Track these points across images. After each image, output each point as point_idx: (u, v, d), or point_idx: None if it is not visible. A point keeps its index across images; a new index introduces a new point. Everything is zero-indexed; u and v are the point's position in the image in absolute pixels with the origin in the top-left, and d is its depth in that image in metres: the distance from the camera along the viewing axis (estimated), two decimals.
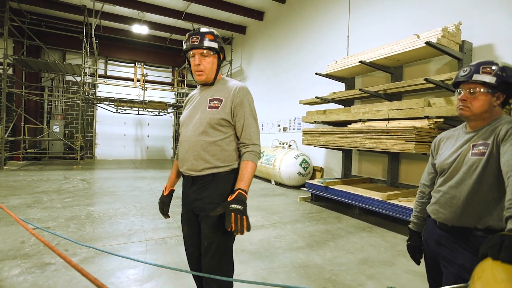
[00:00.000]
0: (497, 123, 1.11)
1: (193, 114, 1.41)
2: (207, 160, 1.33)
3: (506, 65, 1.12)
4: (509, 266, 0.57)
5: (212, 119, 1.33)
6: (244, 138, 1.35)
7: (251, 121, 1.36)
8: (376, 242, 3.13)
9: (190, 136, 1.36)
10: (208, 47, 1.32)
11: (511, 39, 3.38)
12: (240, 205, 1.18)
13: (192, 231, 1.43)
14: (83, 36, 9.12)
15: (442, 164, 1.23)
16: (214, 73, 1.39)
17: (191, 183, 1.39)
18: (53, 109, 11.07)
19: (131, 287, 2.08)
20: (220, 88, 1.41)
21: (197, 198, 1.36)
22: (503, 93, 1.13)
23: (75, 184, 5.98)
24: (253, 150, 1.34)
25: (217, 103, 1.35)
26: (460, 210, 1.12)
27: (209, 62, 1.35)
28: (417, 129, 3.24)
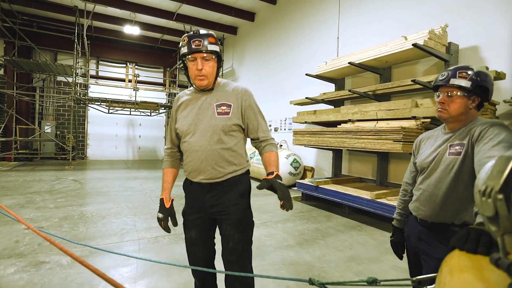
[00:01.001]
0: (472, 125, 1.19)
1: (199, 121, 1.35)
2: (225, 167, 1.33)
3: (480, 70, 1.20)
4: (473, 255, 0.64)
5: (225, 126, 1.32)
6: (259, 134, 1.41)
7: (261, 121, 1.43)
8: (365, 240, 3.22)
9: (203, 146, 1.32)
10: (211, 51, 1.28)
11: (496, 41, 3.51)
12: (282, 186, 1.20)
13: (204, 235, 1.43)
14: (75, 36, 9.04)
15: (422, 163, 1.31)
16: (214, 77, 1.36)
17: (207, 190, 1.36)
18: (45, 109, 10.92)
19: (125, 284, 2.11)
20: (222, 92, 1.38)
21: (217, 203, 1.35)
22: (478, 96, 1.20)
23: (67, 185, 5.94)
24: (273, 143, 1.42)
25: (225, 108, 1.33)
26: (438, 207, 1.20)
27: (211, 66, 1.32)
28: (404, 129, 3.35)
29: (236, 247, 1.34)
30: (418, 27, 4.21)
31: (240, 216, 1.35)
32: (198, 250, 1.44)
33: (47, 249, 2.72)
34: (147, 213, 4.03)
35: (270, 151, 1.38)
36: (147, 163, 11.20)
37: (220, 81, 1.44)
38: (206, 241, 1.44)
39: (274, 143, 1.42)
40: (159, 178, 7.34)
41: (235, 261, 1.35)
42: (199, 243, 1.43)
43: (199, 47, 1.25)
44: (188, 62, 1.31)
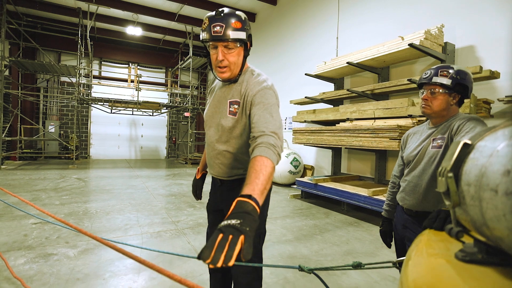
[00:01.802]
0: (453, 120, 1.28)
1: (214, 115, 1.26)
2: (233, 168, 1.26)
3: (460, 69, 1.29)
4: (441, 232, 0.72)
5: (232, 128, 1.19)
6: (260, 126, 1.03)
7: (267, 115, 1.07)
8: (362, 235, 3.30)
9: (213, 143, 1.27)
10: (235, 39, 1.05)
11: (491, 41, 3.57)
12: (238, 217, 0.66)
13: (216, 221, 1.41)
14: (78, 37, 9.18)
15: (408, 156, 1.40)
16: (240, 68, 1.15)
17: (219, 184, 1.34)
18: (49, 109, 11.08)
19: (129, 275, 2.21)
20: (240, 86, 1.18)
21: (225, 200, 1.29)
22: (458, 93, 1.30)
23: (71, 183, 6.06)
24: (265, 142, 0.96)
25: (236, 107, 1.18)
26: (422, 197, 1.29)
27: (235, 55, 1.10)
28: (400, 127, 3.42)
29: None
30: (416, 27, 4.28)
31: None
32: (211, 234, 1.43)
33: (54, 242, 2.82)
34: (150, 209, 4.13)
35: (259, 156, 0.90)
36: (150, 162, 11.32)
37: (247, 71, 1.21)
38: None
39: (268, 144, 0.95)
40: (161, 177, 7.46)
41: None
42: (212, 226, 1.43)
43: (220, 34, 1.04)
44: (210, 49, 1.12)
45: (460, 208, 0.53)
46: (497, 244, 0.46)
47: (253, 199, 0.74)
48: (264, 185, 0.82)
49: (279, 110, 1.14)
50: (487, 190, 0.41)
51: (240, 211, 0.70)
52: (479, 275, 0.46)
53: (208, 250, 0.59)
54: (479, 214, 0.45)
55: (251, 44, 1.17)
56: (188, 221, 3.58)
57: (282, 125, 1.09)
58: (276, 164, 0.93)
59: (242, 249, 0.61)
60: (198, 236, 3.08)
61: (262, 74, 1.20)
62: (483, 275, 0.46)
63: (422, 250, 0.66)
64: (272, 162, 0.90)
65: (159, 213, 3.94)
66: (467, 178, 0.47)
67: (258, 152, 0.92)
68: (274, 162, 0.92)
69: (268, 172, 0.86)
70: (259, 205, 0.75)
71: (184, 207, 4.27)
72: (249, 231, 0.63)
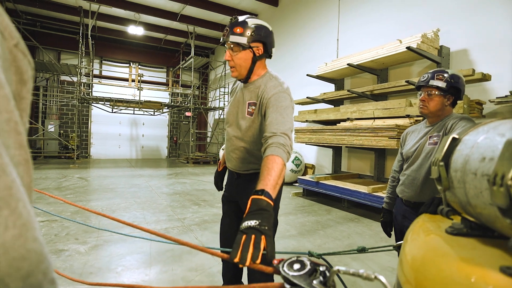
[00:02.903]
0: (447, 119, 1.41)
1: (235, 114, 1.38)
2: (249, 163, 1.38)
3: (454, 73, 1.42)
4: (435, 215, 0.83)
5: (249, 128, 1.31)
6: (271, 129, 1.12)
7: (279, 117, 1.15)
8: (362, 230, 3.42)
9: (232, 139, 1.38)
10: (234, 42, 1.20)
11: (484, 44, 3.71)
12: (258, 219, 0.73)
13: (230, 213, 1.52)
14: (79, 36, 9.23)
15: (407, 152, 1.52)
16: (247, 70, 1.27)
17: (236, 177, 1.45)
18: (48, 108, 11.11)
19: (140, 269, 2.31)
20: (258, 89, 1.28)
21: (240, 193, 1.42)
22: (452, 95, 1.43)
23: (74, 182, 6.13)
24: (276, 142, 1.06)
25: (254, 108, 1.29)
26: (419, 189, 1.41)
27: (240, 58, 1.23)
28: (399, 127, 3.55)
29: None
30: (414, 29, 4.40)
31: None
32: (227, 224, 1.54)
33: (64, 239, 2.91)
34: (155, 207, 4.23)
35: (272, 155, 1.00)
36: (151, 162, 11.39)
37: (266, 75, 1.32)
38: (231, 219, 1.50)
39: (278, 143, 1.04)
40: (164, 176, 7.55)
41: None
42: (227, 218, 1.53)
43: (225, 37, 1.22)
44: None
45: (450, 191, 0.65)
46: (478, 219, 0.58)
47: (266, 193, 0.82)
48: (276, 180, 0.91)
49: (292, 112, 1.23)
50: (469, 174, 0.53)
51: (256, 209, 0.77)
52: (464, 243, 0.58)
53: (235, 251, 0.66)
54: (463, 195, 0.57)
55: (266, 50, 1.26)
56: (194, 218, 3.68)
57: (292, 126, 1.18)
58: (286, 162, 1.02)
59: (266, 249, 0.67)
60: (205, 232, 3.18)
61: (279, 78, 1.31)
62: (467, 243, 0.57)
63: (418, 230, 0.77)
64: (282, 159, 1.00)
65: (165, 211, 4.04)
66: (454, 166, 0.59)
67: (269, 152, 1.02)
68: (285, 160, 1.01)
69: (279, 168, 0.96)
70: (272, 199, 0.82)
71: (189, 205, 4.38)
72: (268, 229, 0.71)
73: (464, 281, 0.44)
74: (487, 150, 0.49)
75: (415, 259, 0.62)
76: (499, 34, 3.54)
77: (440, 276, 0.49)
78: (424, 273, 0.54)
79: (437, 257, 0.54)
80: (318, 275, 0.40)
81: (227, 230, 1.53)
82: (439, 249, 0.59)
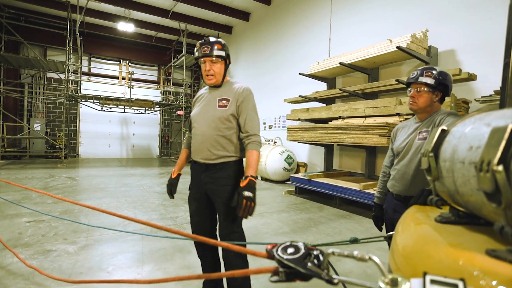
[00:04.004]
0: (436, 115, 1.45)
1: (204, 111, 1.63)
2: (218, 150, 1.58)
3: (442, 70, 1.46)
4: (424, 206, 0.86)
5: (222, 117, 1.57)
6: (247, 128, 1.57)
7: (252, 115, 1.60)
8: (353, 227, 3.48)
9: (204, 131, 1.59)
10: (217, 55, 1.55)
11: (470, 46, 3.82)
12: (251, 191, 1.41)
13: (202, 206, 1.69)
14: (67, 32, 8.99)
15: (398, 148, 1.56)
16: (222, 77, 1.62)
17: (204, 169, 1.62)
18: (34, 106, 10.79)
19: (132, 267, 2.29)
20: (227, 89, 1.63)
21: (210, 182, 1.60)
22: (441, 92, 1.47)
23: (62, 182, 6.00)
24: (255, 140, 1.57)
25: (225, 102, 1.59)
26: (409, 183, 1.44)
27: (218, 67, 1.58)
28: (389, 125, 3.61)
29: (225, 220, 1.59)
30: (406, 29, 4.48)
31: (229, 195, 1.57)
32: (197, 220, 1.72)
33: (52, 239, 2.84)
34: (147, 206, 4.18)
35: (250, 150, 1.55)
36: (142, 161, 11.25)
37: (229, 80, 1.69)
38: (204, 212, 1.69)
39: (256, 142, 1.57)
40: (155, 175, 7.47)
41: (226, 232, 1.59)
42: (197, 213, 1.71)
43: (207, 52, 1.54)
44: (201, 64, 1.60)
45: (439, 182, 0.67)
46: (466, 207, 0.60)
47: (254, 177, 1.48)
48: (256, 167, 1.54)
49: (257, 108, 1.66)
50: (457, 163, 0.54)
51: (251, 185, 1.44)
52: (452, 230, 0.60)
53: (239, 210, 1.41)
54: (452, 183, 0.59)
55: (230, 61, 1.65)
56: (186, 216, 3.66)
57: (260, 123, 1.66)
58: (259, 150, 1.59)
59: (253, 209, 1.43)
60: None
61: (240, 82, 1.70)
62: (455, 230, 0.60)
63: (408, 221, 0.79)
64: (258, 151, 1.57)
65: (157, 210, 4.00)
66: (443, 156, 0.61)
67: (250, 147, 1.56)
68: (259, 151, 1.59)
69: (256, 159, 1.55)
70: (256, 177, 1.50)
71: (181, 203, 4.34)
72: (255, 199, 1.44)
73: (453, 265, 0.46)
74: (474, 139, 0.51)
75: (406, 247, 0.64)
76: (485, 36, 3.65)
77: (430, 261, 0.51)
78: (414, 260, 0.55)
79: (427, 244, 0.56)
80: (312, 258, 0.41)
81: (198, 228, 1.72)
82: (428, 237, 0.61)
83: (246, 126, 1.57)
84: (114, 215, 0.80)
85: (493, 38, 3.54)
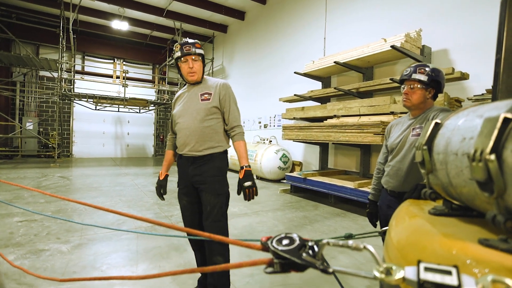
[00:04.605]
0: (429, 111, 1.46)
1: (188, 107, 1.72)
2: (205, 141, 1.65)
3: (435, 67, 1.47)
4: (418, 200, 0.86)
5: (206, 109, 1.67)
6: (231, 121, 1.72)
7: (234, 108, 1.74)
8: (348, 225, 3.50)
9: (189, 124, 1.67)
10: (198, 53, 1.68)
11: (463, 45, 3.88)
12: (250, 180, 1.59)
13: (191, 200, 1.74)
14: (60, 30, 8.87)
15: (392, 144, 1.57)
16: (202, 73, 1.74)
17: (191, 162, 1.68)
18: (26, 105, 10.62)
19: (127, 266, 2.26)
20: (206, 84, 1.75)
21: (198, 174, 1.66)
22: (433, 88, 1.48)
23: (55, 181, 5.92)
24: (240, 132, 1.72)
25: (207, 96, 1.70)
26: (403, 179, 1.45)
27: (198, 65, 1.70)
28: (383, 123, 3.64)
29: (212, 210, 1.64)
30: (401, 29, 4.52)
31: (217, 186, 1.65)
32: (188, 214, 1.77)
33: (45, 238, 2.80)
34: (142, 205, 4.15)
35: (238, 141, 1.69)
36: (137, 160, 11.15)
37: (206, 77, 1.82)
38: (194, 206, 1.75)
39: (241, 132, 1.73)
40: (150, 174, 7.41)
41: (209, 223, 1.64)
42: (188, 207, 1.76)
43: (190, 51, 1.65)
44: (181, 63, 1.69)
45: (433, 174, 0.67)
46: (459, 199, 0.60)
47: (248, 166, 1.64)
48: (247, 156, 1.69)
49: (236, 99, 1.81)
50: (451, 155, 0.55)
51: (248, 175, 1.61)
52: (446, 222, 0.60)
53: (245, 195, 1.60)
54: (445, 176, 0.59)
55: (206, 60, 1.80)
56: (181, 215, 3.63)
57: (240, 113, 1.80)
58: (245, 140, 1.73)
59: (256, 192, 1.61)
60: None
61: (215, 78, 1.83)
62: (449, 222, 0.60)
63: (402, 214, 0.79)
64: (244, 141, 1.72)
65: (152, 209, 3.97)
66: (437, 149, 0.61)
67: (236, 139, 1.71)
68: (245, 140, 1.73)
69: (245, 149, 1.70)
70: (250, 166, 1.65)
71: (176, 202, 4.28)
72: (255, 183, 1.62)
73: (446, 254, 0.46)
74: (467, 131, 0.51)
75: (400, 240, 0.64)
76: (478, 36, 3.70)
77: (424, 252, 0.51)
78: (408, 251, 0.56)
79: (421, 235, 0.56)
80: (307, 249, 0.41)
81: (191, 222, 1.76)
82: (422, 228, 0.62)
83: (230, 118, 1.71)
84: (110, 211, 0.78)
85: (485, 38, 3.60)
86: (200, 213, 1.75)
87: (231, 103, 1.72)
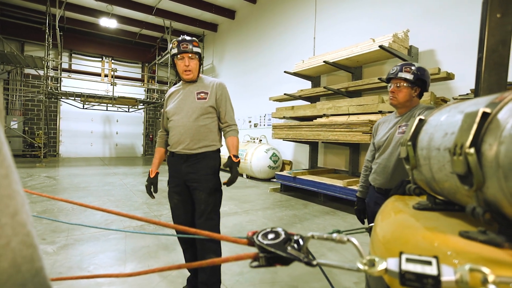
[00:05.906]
0: (414, 109, 1.50)
1: (183, 104, 1.70)
2: (200, 140, 1.65)
3: (420, 66, 1.51)
4: (403, 196, 0.88)
5: (202, 108, 1.66)
6: (227, 119, 1.74)
7: (230, 108, 1.76)
8: (337, 223, 3.54)
9: (184, 122, 1.66)
10: (195, 52, 1.65)
11: (449, 46, 3.98)
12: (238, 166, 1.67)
13: (184, 199, 1.73)
14: (46, 27, 8.61)
15: (379, 142, 1.59)
16: (197, 72, 1.73)
17: (184, 160, 1.67)
18: (10, 104, 10.29)
19: (114, 266, 2.22)
20: (202, 83, 1.74)
21: (191, 172, 1.65)
22: (419, 87, 1.52)
23: (41, 181, 5.75)
24: (234, 129, 1.76)
25: (204, 95, 1.69)
26: (390, 176, 1.48)
27: (195, 63, 1.68)
28: (372, 122, 3.70)
29: (206, 208, 1.64)
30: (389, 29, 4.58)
31: (210, 184, 1.64)
32: (181, 213, 1.75)
33: None
34: (130, 205, 4.08)
35: (232, 136, 1.73)
36: (126, 160, 10.96)
37: (202, 76, 1.80)
38: (186, 204, 1.73)
39: (236, 129, 1.77)
40: (139, 174, 7.30)
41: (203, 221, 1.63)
42: (180, 206, 1.74)
43: (186, 49, 1.62)
44: (177, 61, 1.66)
45: (417, 170, 0.68)
46: (442, 194, 0.62)
47: (237, 157, 1.66)
48: (237, 148, 1.72)
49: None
50: (433, 150, 0.56)
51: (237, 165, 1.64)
52: (429, 216, 0.62)
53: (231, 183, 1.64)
54: (429, 171, 0.60)
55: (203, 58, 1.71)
56: (170, 214, 3.59)
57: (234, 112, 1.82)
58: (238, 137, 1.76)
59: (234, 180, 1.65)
60: None
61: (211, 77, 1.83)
62: (432, 216, 0.61)
63: (388, 210, 0.81)
64: (237, 137, 1.76)
65: (141, 208, 3.91)
66: (421, 144, 0.62)
67: (230, 134, 1.73)
68: (238, 136, 1.76)
69: (237, 143, 1.74)
70: (238, 156, 1.67)
71: (165, 202, 4.25)
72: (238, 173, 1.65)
73: (429, 247, 0.47)
74: (449, 126, 0.52)
75: (385, 235, 0.65)
76: (463, 37, 3.81)
77: (407, 245, 0.52)
78: (392, 245, 0.57)
79: (405, 229, 0.57)
80: (292, 243, 0.41)
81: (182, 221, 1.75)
82: (406, 223, 0.63)
83: (226, 117, 1.73)
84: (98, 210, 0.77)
85: (471, 38, 3.70)
86: (192, 211, 1.73)
87: (227, 103, 1.74)
